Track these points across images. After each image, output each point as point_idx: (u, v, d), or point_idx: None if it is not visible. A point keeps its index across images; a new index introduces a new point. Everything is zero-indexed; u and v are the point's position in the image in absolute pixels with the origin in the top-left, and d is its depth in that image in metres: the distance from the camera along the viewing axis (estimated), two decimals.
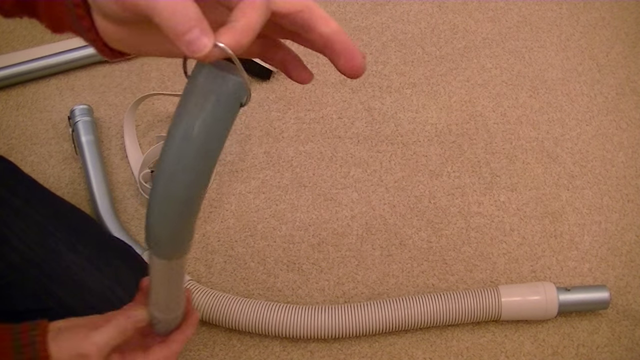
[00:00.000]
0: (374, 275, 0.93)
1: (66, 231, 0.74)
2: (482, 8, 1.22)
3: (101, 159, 1.02)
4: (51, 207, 0.75)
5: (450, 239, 0.95)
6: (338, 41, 0.35)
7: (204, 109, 0.33)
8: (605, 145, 1.05)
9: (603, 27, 1.19)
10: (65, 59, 1.13)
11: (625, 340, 0.87)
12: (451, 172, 1.02)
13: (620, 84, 1.12)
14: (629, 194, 1.00)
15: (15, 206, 0.72)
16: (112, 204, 0.98)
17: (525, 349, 0.86)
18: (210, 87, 0.33)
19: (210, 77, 0.33)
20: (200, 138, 0.33)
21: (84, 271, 0.71)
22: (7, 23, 1.22)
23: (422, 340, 0.87)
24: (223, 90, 0.33)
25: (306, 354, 0.86)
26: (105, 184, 0.99)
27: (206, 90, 0.33)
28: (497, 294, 0.84)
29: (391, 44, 1.17)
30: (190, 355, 0.86)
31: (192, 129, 0.33)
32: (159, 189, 0.36)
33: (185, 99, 0.34)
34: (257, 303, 0.84)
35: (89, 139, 1.02)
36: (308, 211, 0.98)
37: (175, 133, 0.34)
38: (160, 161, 0.36)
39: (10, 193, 0.72)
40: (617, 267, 0.93)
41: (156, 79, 1.13)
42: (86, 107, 1.05)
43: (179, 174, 0.35)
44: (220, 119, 0.34)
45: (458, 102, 1.09)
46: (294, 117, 1.08)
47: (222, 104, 0.33)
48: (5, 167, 0.76)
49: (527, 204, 0.98)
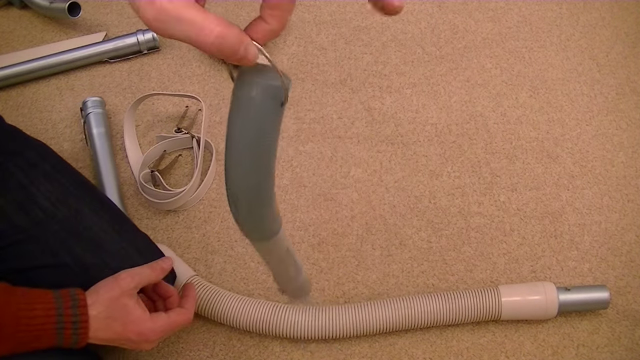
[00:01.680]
0: (374, 275, 0.93)
1: (89, 196, 0.79)
2: (482, 8, 1.22)
3: (111, 152, 1.03)
4: (77, 177, 0.81)
5: (450, 239, 0.95)
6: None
7: (248, 116, 0.37)
8: (605, 145, 1.05)
9: (603, 27, 1.19)
10: (65, 59, 1.13)
11: (625, 340, 0.87)
12: (451, 172, 1.02)
13: (620, 84, 1.12)
14: (629, 194, 1.00)
15: (44, 170, 0.77)
16: (121, 196, 0.99)
17: (525, 349, 0.86)
18: (249, 94, 0.37)
19: (247, 84, 0.36)
20: (246, 141, 0.38)
21: (104, 232, 0.76)
22: (7, 23, 1.22)
23: (422, 340, 0.87)
24: (262, 95, 0.36)
25: (306, 354, 0.86)
26: (115, 177, 1.00)
27: (246, 97, 0.37)
28: (497, 294, 0.84)
29: (391, 44, 1.17)
30: (190, 355, 0.86)
31: (238, 134, 0.38)
32: (226, 184, 0.42)
33: (232, 106, 0.38)
34: (258, 302, 0.84)
35: (100, 131, 1.03)
36: (308, 211, 0.98)
37: (228, 138, 0.39)
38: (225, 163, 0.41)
39: (41, 158, 0.78)
40: (617, 267, 0.93)
41: (156, 79, 1.13)
42: (99, 99, 1.05)
43: (237, 173, 0.40)
44: (262, 122, 0.37)
45: (458, 102, 1.09)
46: (294, 117, 1.08)
47: (262, 108, 0.37)
48: (39, 144, 0.82)
49: (527, 204, 0.98)
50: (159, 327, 0.68)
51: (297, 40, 1.18)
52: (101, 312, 0.64)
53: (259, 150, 0.39)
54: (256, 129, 0.38)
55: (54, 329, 0.61)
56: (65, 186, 0.77)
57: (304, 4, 1.23)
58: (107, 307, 0.64)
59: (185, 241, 0.96)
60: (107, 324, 0.64)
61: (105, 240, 0.75)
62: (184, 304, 0.74)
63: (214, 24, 0.31)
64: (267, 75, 0.36)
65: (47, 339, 0.61)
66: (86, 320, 0.62)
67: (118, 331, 0.65)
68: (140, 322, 0.66)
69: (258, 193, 0.42)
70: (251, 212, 0.44)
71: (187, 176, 1.02)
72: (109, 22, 1.21)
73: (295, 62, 1.15)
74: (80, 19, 1.19)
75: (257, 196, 0.42)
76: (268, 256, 0.53)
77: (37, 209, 0.73)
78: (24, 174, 0.75)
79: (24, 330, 0.59)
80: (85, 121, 1.04)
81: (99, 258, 0.73)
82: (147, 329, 0.67)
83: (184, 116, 1.07)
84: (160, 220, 0.98)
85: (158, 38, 1.14)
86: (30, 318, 0.59)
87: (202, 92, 1.11)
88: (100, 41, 1.16)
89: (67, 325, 0.61)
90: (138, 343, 0.67)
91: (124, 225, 0.79)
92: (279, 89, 0.36)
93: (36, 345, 0.60)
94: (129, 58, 1.16)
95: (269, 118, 0.38)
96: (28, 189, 0.74)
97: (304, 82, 1.12)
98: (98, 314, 0.64)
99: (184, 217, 0.98)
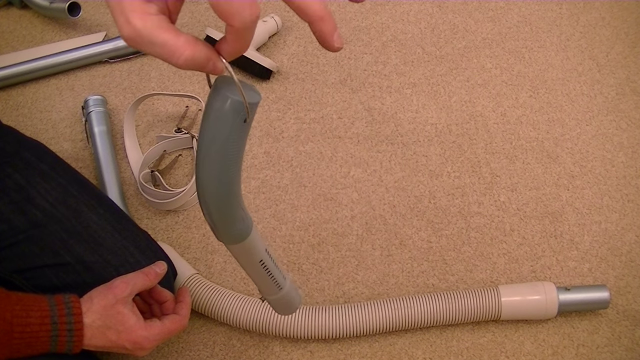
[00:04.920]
0: (374, 275, 0.92)
1: (88, 196, 0.78)
2: (482, 8, 1.22)
3: (113, 150, 1.03)
4: (75, 176, 0.81)
5: (450, 239, 0.95)
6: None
7: (209, 124, 0.39)
8: (605, 145, 1.05)
9: (603, 27, 1.19)
10: (65, 59, 1.13)
11: (625, 340, 0.87)
12: (451, 172, 1.02)
13: (620, 84, 1.12)
14: (629, 194, 1.00)
15: (41, 170, 0.77)
16: (123, 194, 0.99)
17: (525, 349, 0.86)
18: (213, 105, 0.39)
19: (215, 96, 0.39)
20: (211, 149, 0.40)
21: (104, 230, 0.76)
22: (7, 23, 1.22)
23: (422, 340, 0.87)
24: (222, 108, 0.38)
25: (306, 354, 0.86)
26: (117, 175, 1.00)
27: (210, 108, 0.39)
28: (497, 294, 0.84)
29: (391, 44, 1.17)
30: (190, 355, 0.86)
31: (203, 142, 0.40)
32: (197, 185, 0.44)
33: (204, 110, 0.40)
34: (258, 302, 0.84)
35: (102, 129, 1.03)
36: (308, 211, 0.98)
37: (198, 142, 0.41)
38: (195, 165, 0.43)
39: (38, 159, 0.78)
40: (617, 267, 0.93)
41: (156, 79, 1.13)
42: (100, 97, 1.05)
43: (202, 176, 0.42)
44: (224, 132, 0.39)
45: (458, 102, 1.09)
46: (294, 117, 1.08)
47: (221, 120, 0.39)
48: (35, 144, 0.81)
49: (527, 204, 0.98)
50: (153, 336, 0.67)
51: (297, 40, 1.18)
52: (95, 320, 0.64)
53: (222, 158, 0.41)
54: (218, 137, 0.39)
55: (48, 336, 0.60)
56: (64, 186, 0.76)
57: None
58: (101, 315, 0.64)
59: (185, 241, 0.96)
60: (101, 332, 0.64)
61: (106, 238, 0.75)
62: (179, 310, 0.73)
63: (184, 47, 0.33)
64: (234, 89, 0.38)
65: (40, 346, 0.60)
66: (81, 328, 0.62)
67: (112, 339, 0.65)
68: (134, 330, 0.66)
69: (223, 197, 0.44)
70: (220, 214, 0.45)
71: (187, 176, 1.02)
72: (109, 22, 1.21)
73: (295, 62, 1.15)
74: (80, 19, 1.19)
75: (222, 199, 0.44)
76: (246, 261, 0.54)
77: (36, 209, 0.73)
78: (21, 175, 0.75)
79: (17, 338, 0.58)
80: (86, 120, 1.04)
81: (100, 256, 0.73)
82: (141, 337, 0.66)
83: (184, 116, 1.07)
84: (160, 220, 0.98)
85: None
86: (24, 325, 0.59)
87: (202, 92, 1.11)
88: (100, 41, 1.16)
89: (61, 333, 0.61)
90: (132, 351, 0.67)
91: (124, 223, 0.78)
92: (242, 105, 0.38)
93: (29, 352, 0.60)
94: (129, 58, 1.16)
95: (231, 130, 0.39)
96: (26, 189, 0.74)
97: (304, 82, 1.12)
98: (92, 322, 0.63)
99: (184, 217, 0.98)
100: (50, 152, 0.82)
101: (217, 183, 0.43)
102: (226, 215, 0.46)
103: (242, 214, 0.48)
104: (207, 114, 0.39)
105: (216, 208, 0.45)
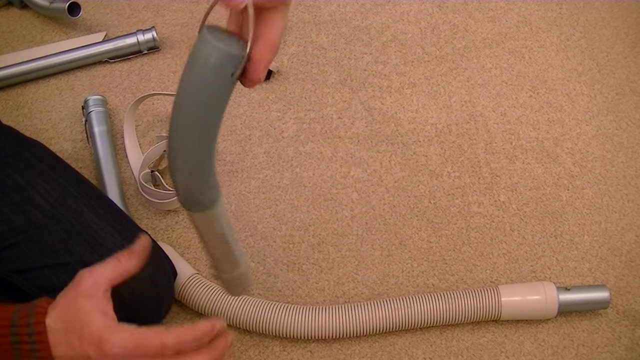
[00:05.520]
0: (374, 275, 0.93)
1: (88, 196, 0.77)
2: (482, 8, 1.22)
3: (113, 150, 1.03)
4: (75, 176, 0.80)
5: (450, 239, 0.95)
6: None
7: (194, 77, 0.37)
8: (605, 145, 1.05)
9: (603, 27, 1.19)
10: (65, 59, 1.13)
11: (625, 340, 0.87)
12: (451, 172, 1.02)
13: (620, 84, 1.12)
14: (629, 194, 1.00)
15: (41, 170, 0.76)
16: (123, 194, 0.99)
17: (525, 349, 0.86)
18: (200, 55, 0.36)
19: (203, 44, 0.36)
20: (193, 104, 0.37)
21: (104, 231, 0.75)
22: (7, 23, 1.22)
23: (422, 340, 0.87)
24: (211, 59, 0.36)
25: (306, 354, 0.86)
26: (117, 175, 1.00)
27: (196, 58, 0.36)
28: (497, 294, 0.84)
29: (391, 44, 1.17)
30: None
31: (184, 97, 0.37)
32: (168, 143, 0.41)
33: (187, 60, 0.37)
34: (258, 302, 0.84)
35: (102, 129, 1.03)
36: (308, 211, 0.98)
37: (177, 94, 0.38)
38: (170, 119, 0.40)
39: (38, 159, 0.77)
40: (617, 267, 0.93)
41: (156, 79, 1.13)
42: (100, 97, 1.06)
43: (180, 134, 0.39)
44: (209, 86, 0.37)
45: (458, 102, 1.09)
46: (294, 117, 1.08)
47: (210, 72, 0.36)
48: (35, 144, 0.81)
49: (527, 204, 0.98)
50: (118, 341, 0.51)
51: (297, 40, 1.18)
52: (57, 320, 0.51)
53: (206, 115, 0.38)
54: (204, 91, 0.37)
55: (8, 342, 0.50)
56: (64, 186, 0.76)
57: (304, 4, 1.23)
58: (62, 313, 0.52)
59: (185, 241, 0.96)
60: (65, 337, 0.51)
61: (106, 238, 0.75)
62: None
63: None
64: (225, 41, 0.36)
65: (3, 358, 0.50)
66: (42, 331, 0.50)
67: (75, 345, 0.51)
68: (98, 331, 0.51)
69: (201, 158, 0.41)
70: (194, 176, 0.43)
71: None
72: (109, 22, 1.21)
73: (295, 62, 1.15)
74: (80, 19, 1.19)
75: (200, 160, 0.42)
76: (209, 232, 0.49)
77: (36, 210, 0.73)
78: (21, 175, 0.74)
79: None
80: (86, 120, 1.04)
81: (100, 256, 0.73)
82: (103, 339, 0.50)
83: None
84: (160, 220, 0.98)
85: (158, 38, 1.14)
86: None
87: None
88: (100, 41, 1.16)
89: (22, 338, 0.50)
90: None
91: (124, 224, 0.78)
92: (231, 58, 0.36)
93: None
94: (129, 58, 1.16)
95: (220, 83, 0.37)
96: (26, 190, 0.74)
97: (304, 82, 1.12)
98: (54, 323, 0.51)
99: (184, 217, 0.98)
100: (50, 152, 0.82)
101: (197, 142, 0.40)
102: (200, 179, 0.43)
103: (213, 180, 0.45)
104: (192, 65, 0.36)
105: (191, 170, 0.42)
